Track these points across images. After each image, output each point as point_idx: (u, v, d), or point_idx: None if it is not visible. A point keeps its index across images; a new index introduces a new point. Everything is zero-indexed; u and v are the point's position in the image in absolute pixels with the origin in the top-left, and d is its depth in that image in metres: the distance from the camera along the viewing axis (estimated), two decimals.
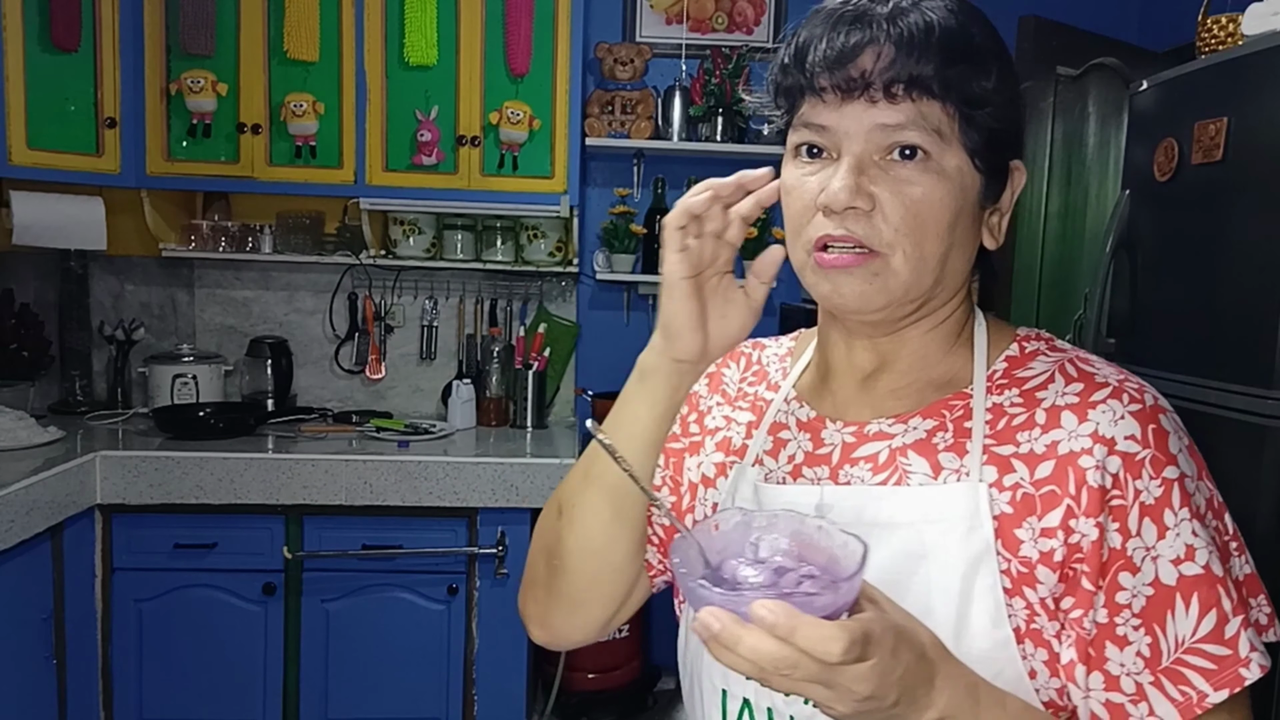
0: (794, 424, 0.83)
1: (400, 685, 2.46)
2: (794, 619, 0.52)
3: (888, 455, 0.75)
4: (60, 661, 2.17)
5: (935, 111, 0.69)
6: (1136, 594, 0.66)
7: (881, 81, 0.68)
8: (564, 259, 2.92)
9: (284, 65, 2.61)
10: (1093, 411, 0.69)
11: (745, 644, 0.53)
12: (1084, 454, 0.68)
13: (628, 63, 2.86)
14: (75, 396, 2.81)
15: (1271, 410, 1.57)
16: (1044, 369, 0.75)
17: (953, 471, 0.72)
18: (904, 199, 0.69)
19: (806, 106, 0.72)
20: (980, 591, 0.68)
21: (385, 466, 2.37)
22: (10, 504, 1.91)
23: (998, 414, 0.73)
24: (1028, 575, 0.68)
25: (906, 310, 0.74)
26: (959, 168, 0.71)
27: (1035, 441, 0.71)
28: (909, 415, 0.76)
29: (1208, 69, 1.79)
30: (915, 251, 0.70)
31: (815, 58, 0.70)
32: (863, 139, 0.70)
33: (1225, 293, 1.71)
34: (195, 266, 2.99)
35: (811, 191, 0.72)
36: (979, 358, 0.77)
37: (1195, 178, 1.79)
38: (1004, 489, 0.70)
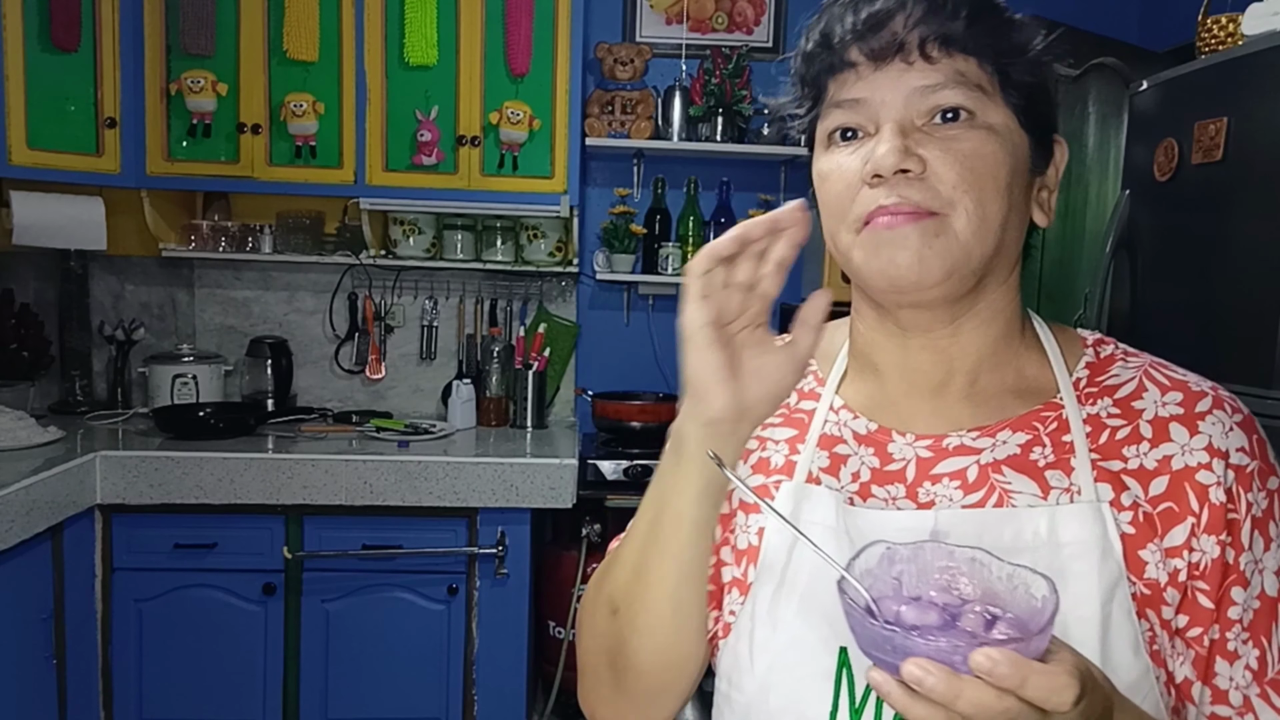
0: (850, 437, 0.75)
1: (400, 685, 2.46)
2: (1024, 668, 0.49)
3: (978, 472, 0.69)
4: (60, 661, 2.17)
5: (972, 68, 0.66)
6: (1246, 608, 0.65)
7: (915, 40, 0.65)
8: (564, 259, 2.92)
9: (284, 65, 2.61)
10: (1202, 423, 0.67)
11: (967, 697, 0.49)
12: (1202, 469, 0.66)
13: (628, 63, 2.86)
14: (75, 396, 2.81)
15: (1271, 410, 1.57)
16: (1130, 376, 0.71)
17: (1063, 491, 0.67)
18: (957, 155, 0.65)
19: (835, 86, 0.69)
20: (1118, 620, 0.65)
21: (385, 466, 2.37)
22: (10, 504, 1.91)
23: (1096, 426, 0.69)
24: (1151, 598, 0.66)
25: (968, 284, 0.68)
26: (1005, 124, 0.67)
27: (1145, 456, 0.67)
28: (995, 428, 0.71)
29: (1208, 69, 1.79)
30: (978, 210, 0.65)
31: (843, 32, 0.67)
32: (901, 105, 0.66)
33: (1225, 293, 1.71)
34: (195, 266, 2.99)
35: (853, 169, 0.67)
36: (1057, 363, 0.72)
37: (1195, 178, 1.79)
38: (1123, 508, 0.66)
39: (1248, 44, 1.71)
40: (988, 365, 0.72)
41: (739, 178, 3.04)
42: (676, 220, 3.02)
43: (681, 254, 2.98)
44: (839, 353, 0.80)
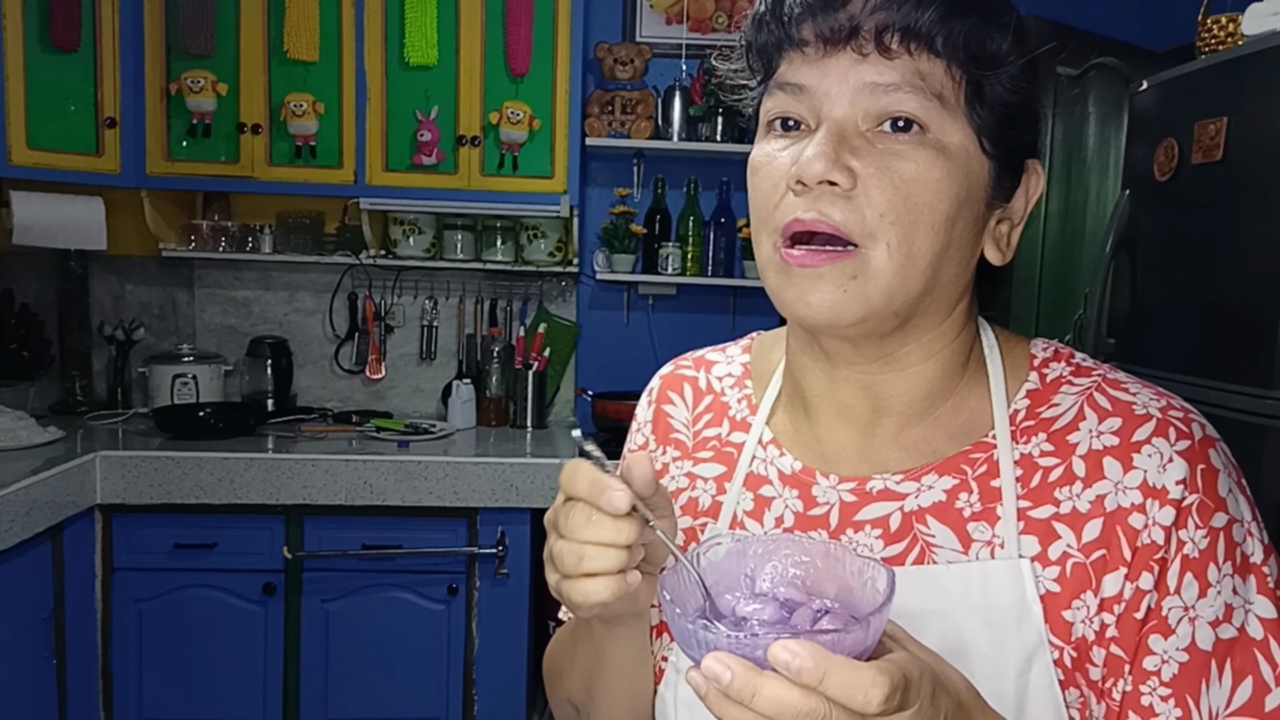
0: (775, 476, 0.70)
1: (400, 685, 2.46)
2: (825, 662, 0.44)
3: (901, 521, 0.64)
4: (60, 661, 2.17)
5: (938, 72, 0.58)
6: (1168, 660, 0.58)
7: (872, 27, 0.57)
8: (564, 259, 2.92)
9: (284, 65, 2.61)
10: (1138, 455, 0.60)
11: (765, 694, 0.44)
12: (1134, 511, 0.59)
13: (628, 63, 2.86)
14: (75, 396, 2.81)
15: (1271, 410, 1.57)
16: (1070, 403, 0.64)
17: (984, 544, 0.62)
18: (892, 177, 0.57)
19: (784, 65, 0.61)
20: (1035, 691, 0.59)
21: (385, 466, 2.37)
22: (10, 504, 1.91)
23: (1028, 468, 0.62)
24: (1079, 659, 0.59)
25: (889, 326, 0.62)
26: (963, 146, 0.59)
27: (1077, 499, 0.60)
28: (921, 471, 0.65)
29: (1208, 69, 1.79)
30: (902, 246, 0.58)
31: (795, 3, 0.59)
32: (847, 100, 0.58)
33: (1225, 293, 1.71)
34: (195, 266, 2.99)
35: (783, 167, 0.60)
36: (997, 395, 0.65)
37: (1195, 178, 1.79)
38: (1049, 562, 0.60)
39: (1248, 44, 1.71)
40: (920, 406, 0.66)
41: (739, 178, 3.02)
42: (676, 220, 3.02)
43: (682, 254, 2.98)
44: (774, 373, 0.74)
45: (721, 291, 3.10)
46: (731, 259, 3.02)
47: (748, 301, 3.12)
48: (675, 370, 0.82)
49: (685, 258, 2.99)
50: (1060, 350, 0.68)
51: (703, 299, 3.12)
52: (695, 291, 3.11)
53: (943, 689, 0.49)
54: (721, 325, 3.12)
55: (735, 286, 3.06)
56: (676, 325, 3.12)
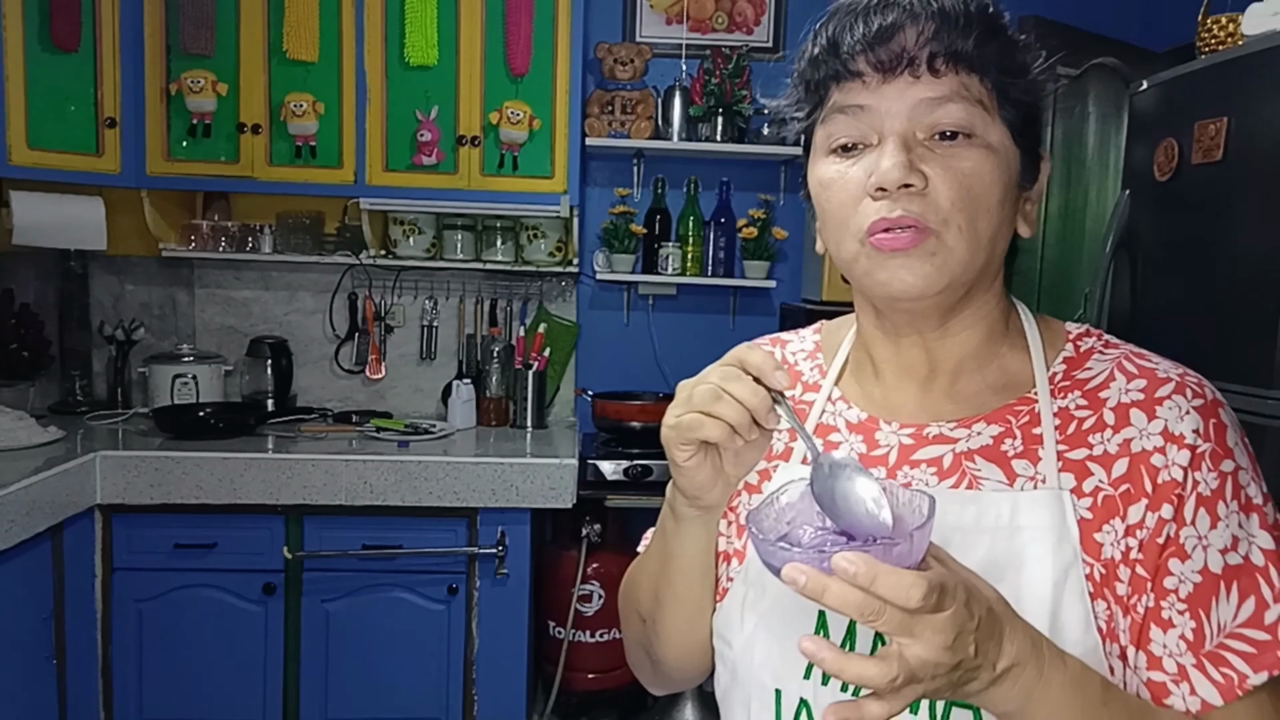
0: (843, 425, 0.82)
1: (400, 685, 2.46)
2: (874, 568, 0.55)
3: (952, 459, 0.75)
4: (60, 661, 2.17)
5: (975, 84, 0.69)
6: (1184, 580, 0.68)
7: (925, 55, 0.68)
8: (564, 259, 2.92)
9: (284, 65, 2.61)
10: (1160, 408, 0.71)
11: (832, 592, 0.56)
12: (1156, 452, 0.69)
13: (628, 63, 2.86)
14: (75, 396, 2.81)
15: (1271, 410, 1.57)
16: (1102, 368, 0.75)
17: (1029, 479, 0.72)
18: (956, 174, 0.68)
19: (839, 93, 0.71)
20: (1070, 599, 0.69)
21: (385, 466, 2.37)
22: (10, 504, 1.91)
23: (1065, 419, 0.73)
24: (1108, 576, 0.69)
25: (959, 294, 0.74)
26: (1002, 142, 0.71)
27: (1108, 442, 0.71)
28: (971, 420, 0.76)
29: (1208, 69, 1.79)
30: (970, 227, 0.69)
31: (852, 41, 0.69)
32: (905, 117, 0.69)
33: (1225, 293, 1.71)
34: (195, 266, 2.99)
35: (856, 180, 0.71)
36: (1037, 359, 0.77)
37: (1195, 178, 1.79)
38: (1083, 495, 0.71)
39: (1248, 44, 1.71)
40: (970, 365, 0.78)
41: (739, 178, 3.04)
42: (676, 220, 3.02)
43: (681, 254, 2.98)
44: (840, 347, 0.86)
45: (721, 291, 3.10)
46: (731, 259, 3.02)
47: (748, 301, 3.12)
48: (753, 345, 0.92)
49: (685, 258, 2.99)
50: (1091, 330, 0.80)
51: (703, 299, 3.12)
52: (695, 291, 3.11)
53: (975, 598, 0.60)
54: (721, 325, 3.12)
55: (735, 286, 3.06)
56: (676, 325, 3.12)
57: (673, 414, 0.71)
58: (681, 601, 0.84)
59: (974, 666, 0.59)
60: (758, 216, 2.95)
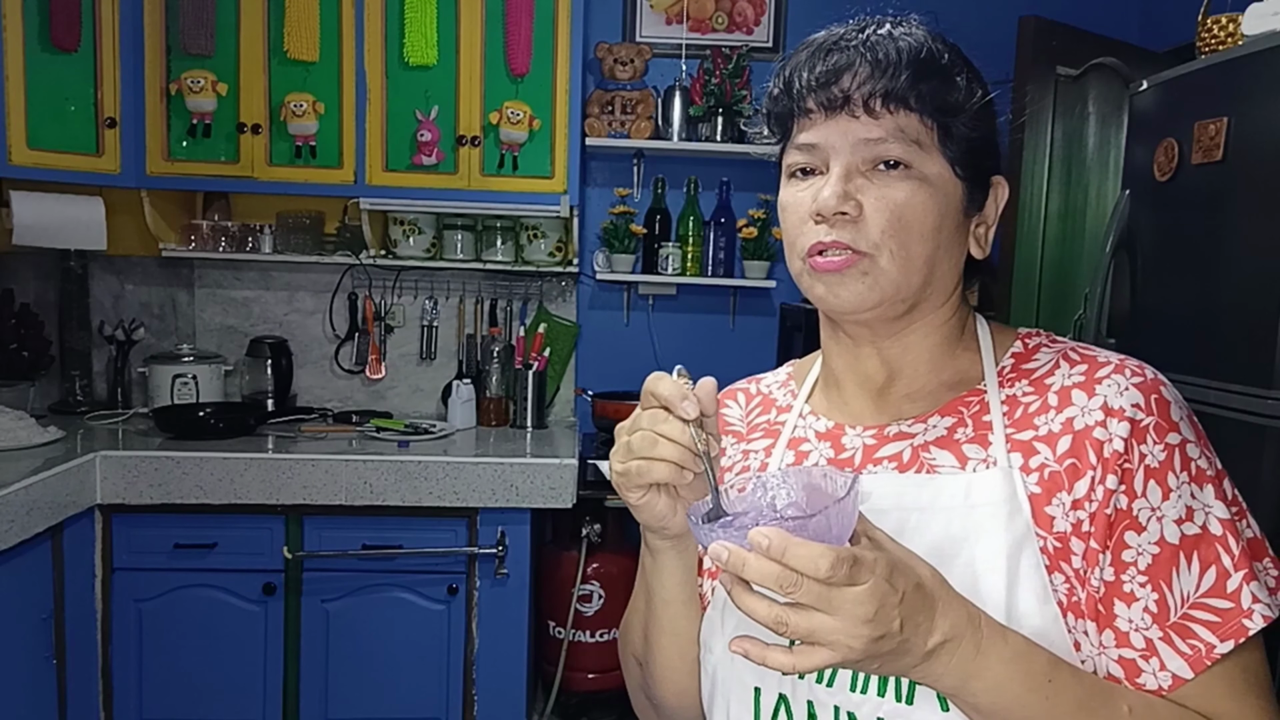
0: (813, 435, 0.87)
1: (400, 685, 2.46)
2: (785, 540, 0.59)
3: (911, 453, 0.80)
4: (60, 661, 2.17)
5: (913, 124, 0.75)
6: (1142, 552, 0.70)
7: (860, 96, 0.74)
8: (564, 259, 2.92)
9: (284, 65, 2.61)
10: (1099, 386, 0.74)
11: (750, 565, 0.59)
12: (1098, 426, 0.73)
13: (628, 63, 2.86)
14: (75, 396, 2.81)
15: (1271, 410, 1.57)
16: (1048, 358, 0.80)
17: (980, 461, 0.77)
18: (887, 204, 0.74)
19: (796, 128, 0.79)
20: (1025, 571, 0.71)
21: (385, 466, 2.37)
22: (10, 504, 1.91)
23: (1013, 405, 0.78)
24: (1062, 550, 0.72)
25: (899, 309, 0.79)
26: (940, 175, 0.76)
27: (1052, 422, 0.75)
28: (927, 415, 0.81)
29: (1208, 69, 1.79)
30: (901, 251, 0.75)
31: (801, 83, 0.77)
32: (848, 151, 0.76)
33: (1225, 293, 1.71)
34: (195, 266, 2.99)
35: (805, 204, 0.78)
36: (986, 355, 0.82)
37: (1195, 178, 1.79)
38: (1031, 471, 0.74)
39: (1248, 44, 1.71)
40: (925, 368, 0.83)
41: (739, 178, 3.04)
42: (676, 220, 3.02)
43: (681, 254, 2.98)
44: (809, 374, 0.93)
45: (721, 291, 3.10)
46: (731, 259, 3.02)
47: (747, 301, 3.12)
48: (730, 387, 1.00)
49: (685, 258, 2.99)
50: (1040, 331, 0.85)
51: (703, 299, 3.12)
52: (695, 291, 3.11)
53: (901, 572, 0.62)
54: (721, 325, 3.12)
55: (735, 286, 3.06)
56: (676, 325, 3.12)
57: (617, 460, 0.76)
58: (671, 635, 0.87)
59: (900, 641, 0.61)
60: (758, 216, 2.95)
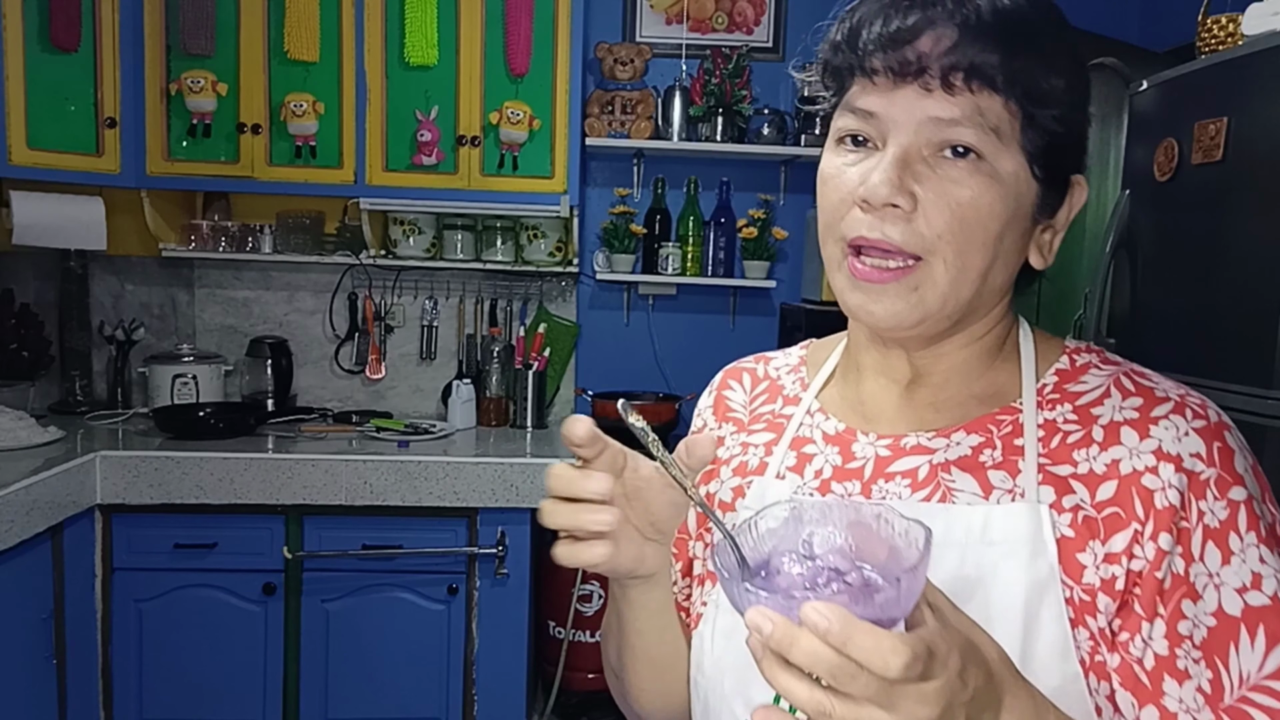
0: (819, 437, 0.77)
1: (400, 685, 2.46)
2: (850, 626, 0.46)
3: (928, 471, 0.70)
4: (60, 661, 2.17)
5: (995, 107, 0.63)
6: (1198, 624, 0.61)
7: (939, 67, 0.62)
8: (564, 259, 2.92)
9: (284, 65, 2.61)
10: (1155, 427, 0.64)
11: (801, 646, 0.47)
12: (1148, 473, 0.63)
13: (628, 63, 2.86)
14: (75, 396, 2.81)
15: (1271, 410, 1.57)
16: (1098, 383, 0.69)
17: (1005, 491, 0.67)
18: (950, 201, 0.63)
19: (855, 88, 0.66)
20: (1046, 621, 0.63)
21: (385, 466, 2.37)
22: (10, 504, 1.91)
23: (1050, 431, 0.68)
24: (1089, 604, 0.63)
25: (941, 326, 0.69)
26: (1015, 173, 0.64)
27: (1094, 460, 0.65)
28: (950, 429, 0.71)
29: (1208, 69, 1.79)
30: (957, 261, 0.64)
31: (869, 36, 0.64)
32: (912, 130, 0.64)
33: (1225, 293, 1.71)
34: (195, 266, 2.99)
35: (850, 182, 0.66)
36: (1026, 370, 0.72)
37: (1195, 178, 1.79)
38: (1063, 510, 0.65)
39: (1248, 44, 1.71)
40: (957, 377, 0.73)
41: (739, 178, 3.04)
42: (676, 220, 3.02)
43: (681, 254, 2.98)
44: (826, 361, 0.83)
45: (721, 291, 3.10)
46: (731, 259, 3.02)
47: (748, 302, 3.12)
48: (736, 365, 0.90)
49: (685, 258, 2.99)
50: (1092, 347, 0.74)
51: (703, 299, 3.12)
52: (695, 291, 3.11)
53: (973, 662, 0.51)
54: (721, 325, 3.12)
55: (735, 286, 3.06)
56: (676, 325, 3.12)
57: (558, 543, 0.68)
58: (646, 661, 0.80)
59: None
60: (758, 216, 2.95)
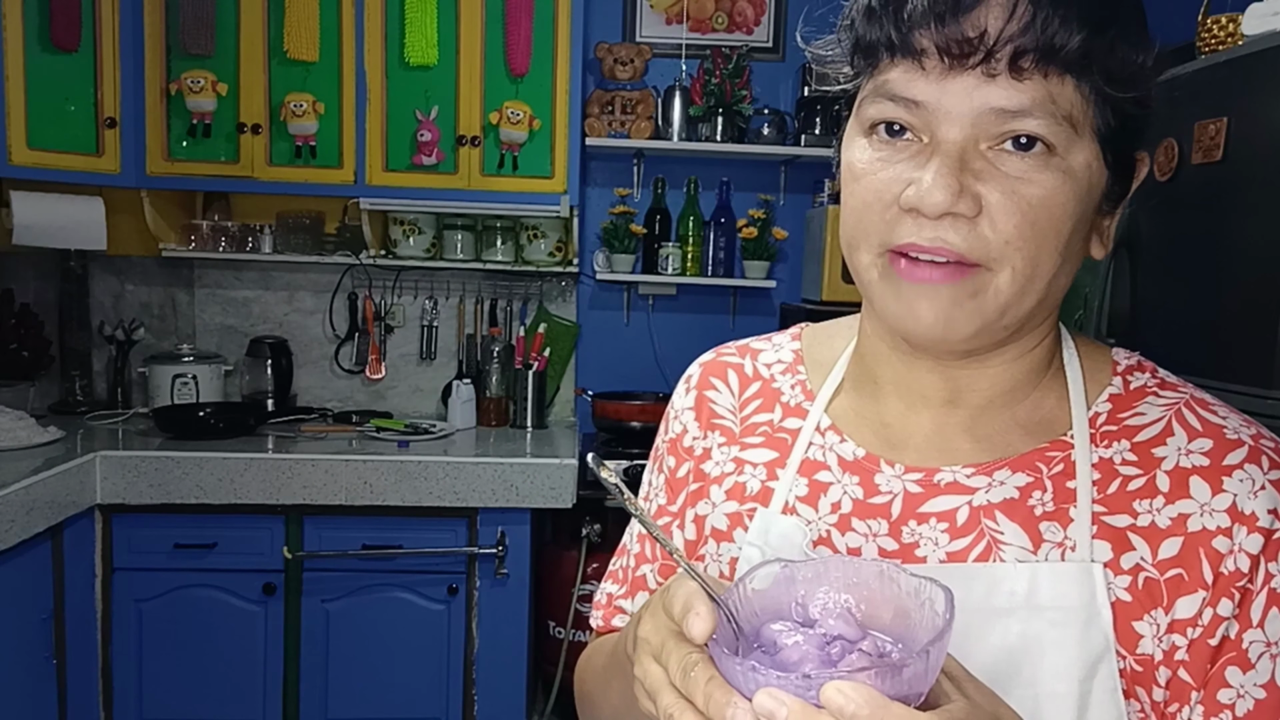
0: (834, 462, 0.66)
1: (400, 685, 2.46)
2: (882, 710, 0.41)
3: (968, 515, 0.61)
4: (60, 661, 2.17)
5: (1069, 93, 0.52)
6: (1244, 694, 0.55)
7: (1009, 50, 0.51)
8: (564, 259, 2.92)
9: (284, 65, 2.61)
10: (1228, 479, 0.57)
11: None
12: (1220, 534, 0.56)
13: (628, 63, 2.86)
14: (75, 396, 2.81)
15: (1271, 410, 1.57)
16: (1158, 415, 0.61)
17: (1055, 545, 0.58)
18: (1019, 202, 0.53)
19: (896, 72, 0.54)
20: (1099, 697, 0.56)
21: (385, 466, 2.37)
22: (10, 504, 1.91)
23: (1107, 473, 0.59)
24: (1144, 675, 0.57)
25: (997, 339, 0.59)
26: (1087, 164, 0.55)
27: (1158, 514, 0.57)
28: (994, 466, 0.62)
29: (1208, 69, 1.79)
30: (1027, 268, 0.55)
31: (916, 6, 0.52)
32: (969, 123, 0.53)
33: (1225, 293, 1.71)
34: (195, 266, 2.99)
35: (890, 182, 0.55)
36: (1075, 395, 0.62)
37: (1195, 178, 1.79)
38: (1120, 571, 0.57)
39: (1248, 44, 1.71)
40: (1001, 399, 0.63)
41: (739, 178, 3.04)
42: (676, 220, 3.02)
43: (681, 254, 2.98)
44: (836, 361, 0.71)
45: (721, 291, 3.10)
46: (731, 259, 3.02)
47: (748, 301, 3.12)
48: (718, 357, 0.76)
49: (685, 258, 2.99)
50: (1143, 362, 0.65)
51: (702, 299, 3.12)
52: (695, 291, 3.11)
53: None
54: (721, 325, 3.12)
55: (735, 286, 3.06)
56: (676, 325, 3.12)
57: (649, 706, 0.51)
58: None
59: None
60: (758, 216, 2.95)
